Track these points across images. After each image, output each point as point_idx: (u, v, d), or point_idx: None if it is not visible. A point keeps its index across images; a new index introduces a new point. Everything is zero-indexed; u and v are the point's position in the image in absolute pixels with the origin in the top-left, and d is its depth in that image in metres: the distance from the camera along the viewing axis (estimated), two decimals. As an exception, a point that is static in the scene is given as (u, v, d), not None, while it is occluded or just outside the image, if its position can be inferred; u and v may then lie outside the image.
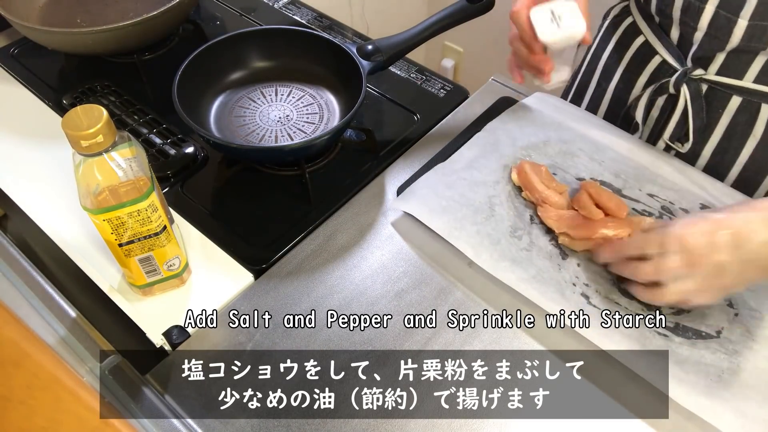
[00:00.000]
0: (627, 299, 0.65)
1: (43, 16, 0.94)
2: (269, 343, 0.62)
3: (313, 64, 0.85)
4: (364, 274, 0.68)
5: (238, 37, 0.83)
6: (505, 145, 0.79)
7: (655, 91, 0.79)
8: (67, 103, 0.86)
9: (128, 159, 0.55)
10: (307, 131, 0.80)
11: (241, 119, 0.81)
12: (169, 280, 0.65)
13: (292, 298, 0.65)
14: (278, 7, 1.05)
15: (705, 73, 0.74)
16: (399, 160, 0.81)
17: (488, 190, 0.73)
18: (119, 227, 0.56)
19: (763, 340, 0.61)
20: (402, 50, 0.80)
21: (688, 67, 0.76)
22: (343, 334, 0.62)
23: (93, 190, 0.54)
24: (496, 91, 0.89)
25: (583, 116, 0.84)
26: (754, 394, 0.58)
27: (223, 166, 0.78)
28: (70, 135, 0.51)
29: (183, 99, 0.73)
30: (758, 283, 0.63)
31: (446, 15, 0.80)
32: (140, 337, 0.62)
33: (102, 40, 0.82)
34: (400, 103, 0.88)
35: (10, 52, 0.95)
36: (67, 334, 0.59)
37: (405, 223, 0.72)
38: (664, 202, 0.73)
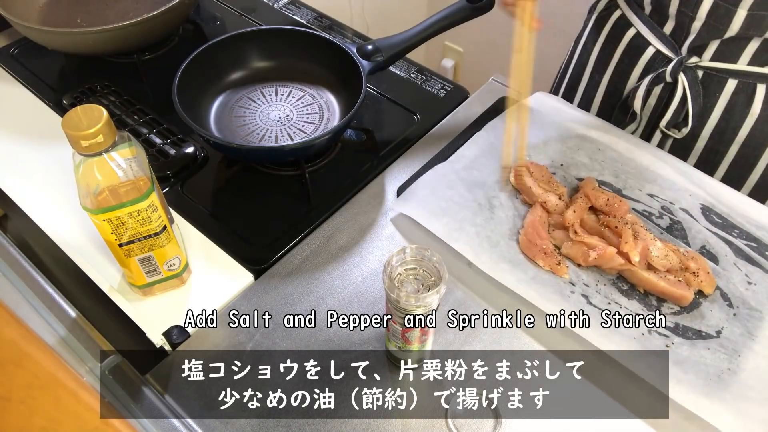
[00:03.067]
0: (627, 299, 0.65)
1: (43, 16, 0.94)
2: (269, 343, 0.62)
3: (313, 64, 0.85)
4: (364, 274, 0.68)
5: (238, 37, 0.83)
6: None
7: (652, 80, 0.80)
8: (67, 103, 0.86)
9: (128, 159, 0.54)
10: (307, 131, 0.80)
11: (241, 119, 0.81)
12: (169, 280, 0.65)
13: (292, 298, 0.65)
14: (278, 7, 1.05)
15: (700, 60, 0.76)
16: (399, 160, 0.81)
17: (488, 190, 0.73)
18: (119, 227, 0.56)
19: (763, 340, 0.61)
20: (402, 50, 0.80)
21: (683, 55, 0.77)
22: (343, 334, 0.62)
23: (93, 190, 0.54)
24: (496, 91, 0.89)
25: (582, 116, 0.84)
26: (754, 394, 0.58)
27: (223, 166, 0.78)
28: (70, 135, 0.51)
29: (183, 99, 0.73)
30: None
31: (446, 15, 0.80)
32: (140, 337, 0.62)
33: (102, 40, 0.82)
34: (400, 103, 0.88)
35: (10, 52, 0.95)
36: (67, 334, 0.59)
37: (405, 223, 0.72)
38: (664, 202, 0.73)
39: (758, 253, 0.68)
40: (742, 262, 0.68)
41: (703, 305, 0.64)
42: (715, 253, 0.69)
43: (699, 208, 0.72)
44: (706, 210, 0.72)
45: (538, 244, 0.67)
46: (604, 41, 0.88)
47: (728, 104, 0.77)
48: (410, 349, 0.56)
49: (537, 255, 0.67)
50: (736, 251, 0.69)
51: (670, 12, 0.76)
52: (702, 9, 0.71)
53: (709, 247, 0.69)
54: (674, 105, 0.80)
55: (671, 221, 0.71)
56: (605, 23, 0.87)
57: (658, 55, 0.80)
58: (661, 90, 0.81)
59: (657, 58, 0.80)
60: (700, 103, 0.78)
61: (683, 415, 0.57)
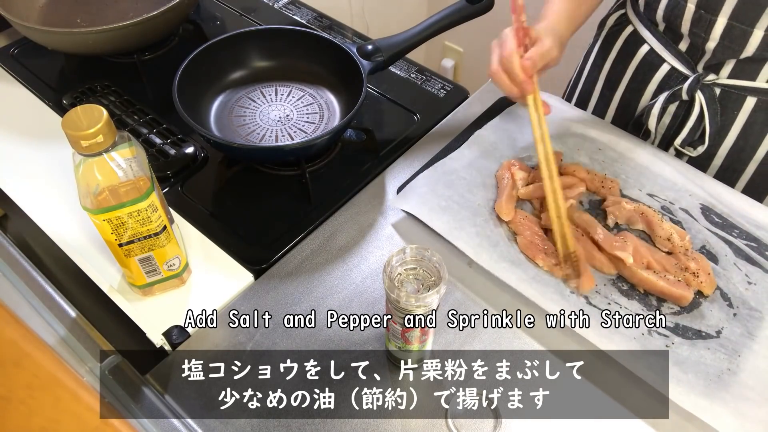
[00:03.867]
0: (627, 299, 0.65)
1: (43, 16, 0.94)
2: (269, 343, 0.62)
3: (313, 64, 0.85)
4: (364, 274, 0.68)
5: (238, 37, 0.83)
6: (505, 145, 0.79)
7: (668, 98, 0.78)
8: (67, 103, 0.86)
9: (128, 159, 0.54)
10: (308, 131, 0.80)
11: (241, 119, 0.81)
12: (169, 280, 0.65)
13: (292, 298, 0.65)
14: (278, 7, 1.05)
15: (717, 77, 0.74)
16: (399, 160, 0.81)
17: (487, 192, 0.73)
18: (119, 227, 0.56)
19: (763, 340, 0.61)
20: (402, 50, 0.80)
21: (699, 73, 0.75)
22: (343, 334, 0.62)
23: (93, 190, 0.54)
24: (496, 91, 0.89)
25: (582, 116, 0.84)
26: (753, 394, 0.58)
27: (223, 166, 0.78)
28: (70, 135, 0.51)
29: (183, 99, 0.73)
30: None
31: (446, 15, 0.80)
32: (140, 337, 0.62)
33: (102, 40, 0.82)
34: (400, 103, 0.88)
35: (10, 52, 0.95)
36: (67, 334, 0.59)
37: (405, 223, 0.72)
38: (664, 202, 0.73)
39: (758, 253, 0.68)
40: (742, 262, 0.68)
41: (703, 305, 0.64)
42: (715, 253, 0.69)
43: (699, 208, 0.72)
44: (706, 210, 0.72)
45: (539, 244, 0.67)
46: (615, 57, 0.86)
47: (747, 122, 0.75)
48: (410, 349, 0.56)
49: (537, 255, 0.67)
50: (736, 251, 0.69)
51: (683, 31, 0.74)
52: (715, 30, 0.70)
53: (709, 247, 0.69)
54: (690, 123, 0.78)
55: (671, 221, 0.71)
56: (616, 39, 0.85)
57: (673, 72, 0.78)
58: (676, 108, 0.79)
59: (672, 75, 0.79)
60: (717, 121, 0.76)
61: (683, 416, 0.57)
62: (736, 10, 0.67)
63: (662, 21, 0.77)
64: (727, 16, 0.68)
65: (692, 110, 0.77)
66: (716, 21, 0.69)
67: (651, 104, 0.80)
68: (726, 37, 0.69)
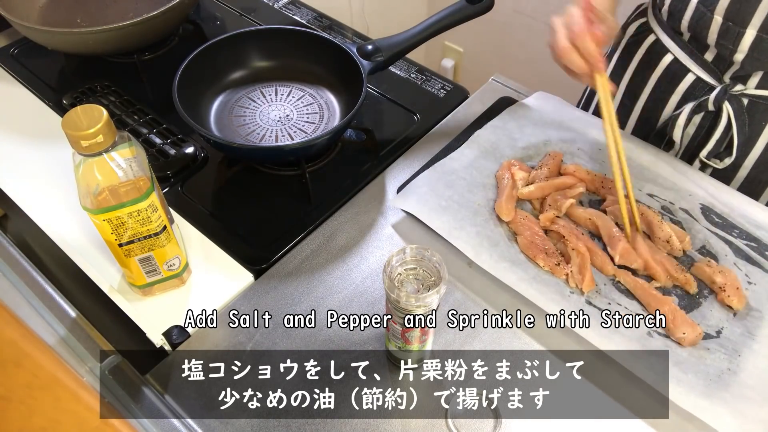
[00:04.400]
0: (627, 299, 0.65)
1: (43, 16, 0.94)
2: (269, 343, 0.62)
3: (313, 64, 0.85)
4: (364, 274, 0.68)
5: (238, 37, 0.83)
6: (505, 145, 0.79)
7: (694, 109, 0.77)
8: (67, 103, 0.86)
9: (128, 159, 0.54)
10: (308, 131, 0.80)
11: (241, 119, 0.81)
12: (169, 280, 0.65)
13: (292, 298, 0.65)
14: (278, 7, 1.05)
15: (745, 88, 0.73)
16: (399, 160, 0.81)
17: (487, 192, 0.73)
18: (119, 227, 0.56)
19: (763, 340, 0.61)
20: (402, 50, 0.80)
21: (726, 83, 0.74)
22: (343, 334, 0.62)
23: (93, 190, 0.54)
24: (496, 91, 0.89)
25: (583, 116, 0.84)
26: (753, 394, 0.58)
27: (224, 166, 0.78)
28: (70, 135, 0.51)
29: (183, 99, 0.73)
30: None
31: (446, 15, 0.80)
32: (140, 337, 0.62)
33: (102, 40, 0.82)
34: (400, 103, 0.88)
35: (10, 52, 0.95)
36: (67, 334, 0.59)
37: (405, 223, 0.72)
38: (664, 202, 0.73)
39: (758, 253, 0.68)
40: (742, 262, 0.68)
41: (703, 305, 0.64)
42: (715, 253, 0.69)
43: (699, 208, 0.72)
44: (706, 210, 0.72)
45: (539, 244, 0.67)
46: (636, 67, 0.84)
47: None
48: (410, 349, 0.56)
49: (537, 255, 0.67)
50: (736, 251, 0.69)
51: (709, 42, 0.72)
52: (744, 42, 0.68)
53: (709, 247, 0.69)
54: (717, 134, 0.76)
55: (671, 221, 0.71)
56: (637, 48, 0.84)
57: (698, 82, 0.77)
58: (701, 119, 0.78)
59: (697, 85, 0.77)
60: (745, 132, 0.75)
61: (683, 416, 0.57)
62: (766, 23, 0.66)
63: (687, 31, 0.75)
64: (756, 28, 0.67)
65: (719, 121, 0.75)
66: (745, 33, 0.68)
67: (676, 115, 0.78)
68: (755, 49, 0.68)
